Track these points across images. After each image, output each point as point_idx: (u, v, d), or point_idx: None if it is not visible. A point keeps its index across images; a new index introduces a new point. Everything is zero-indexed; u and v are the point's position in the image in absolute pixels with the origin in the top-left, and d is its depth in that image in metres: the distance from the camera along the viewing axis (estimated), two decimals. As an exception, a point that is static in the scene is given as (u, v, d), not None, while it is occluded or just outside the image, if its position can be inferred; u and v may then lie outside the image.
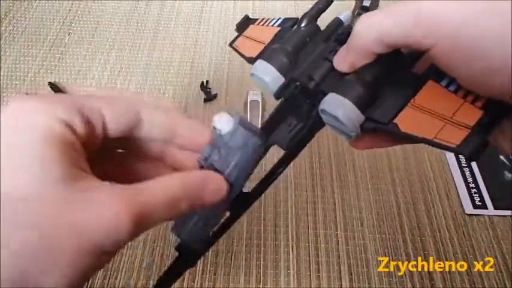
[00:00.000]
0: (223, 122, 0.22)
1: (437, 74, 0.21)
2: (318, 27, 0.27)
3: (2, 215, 0.14)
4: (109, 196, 0.16)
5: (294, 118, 0.26)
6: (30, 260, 0.14)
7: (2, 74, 0.65)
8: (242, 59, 0.29)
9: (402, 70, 0.23)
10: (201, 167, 0.22)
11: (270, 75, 0.25)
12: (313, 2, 0.28)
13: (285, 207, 0.53)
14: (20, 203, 0.15)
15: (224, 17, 0.76)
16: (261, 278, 0.47)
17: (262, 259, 0.48)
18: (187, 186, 0.19)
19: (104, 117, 0.19)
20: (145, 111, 0.21)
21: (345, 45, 0.23)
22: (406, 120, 0.21)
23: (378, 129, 0.22)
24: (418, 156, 0.59)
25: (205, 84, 0.64)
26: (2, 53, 0.67)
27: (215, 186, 0.20)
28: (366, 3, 0.71)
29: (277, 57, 0.26)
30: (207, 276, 0.47)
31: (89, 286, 0.45)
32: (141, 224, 0.16)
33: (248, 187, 0.25)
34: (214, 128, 0.22)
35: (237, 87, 0.65)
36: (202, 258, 0.48)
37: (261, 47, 0.29)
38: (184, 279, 0.46)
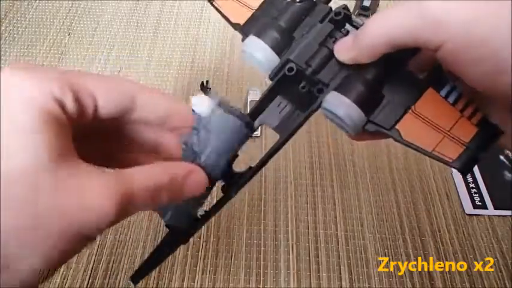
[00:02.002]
0: (202, 104, 0.21)
1: (438, 81, 0.22)
2: (314, 3, 0.25)
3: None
4: (97, 185, 0.16)
5: (284, 98, 0.25)
6: (15, 241, 0.15)
7: (2, 74, 0.65)
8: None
9: (403, 71, 0.23)
10: (184, 151, 0.22)
11: (262, 52, 0.24)
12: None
13: (285, 207, 0.53)
14: (12, 184, 0.15)
15: (224, 17, 0.76)
16: (261, 278, 0.47)
17: (262, 259, 0.48)
18: (169, 177, 0.19)
19: (97, 100, 0.19)
20: (141, 95, 0.21)
21: (349, 37, 0.23)
22: (408, 128, 0.21)
23: (380, 132, 0.22)
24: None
25: (205, 84, 0.64)
26: (2, 53, 0.67)
27: (196, 180, 0.21)
28: (366, 3, 0.71)
29: (269, 33, 0.24)
30: (207, 276, 0.47)
31: (89, 286, 0.45)
32: (123, 212, 0.17)
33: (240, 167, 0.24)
34: (193, 110, 0.21)
35: (237, 88, 0.65)
36: (202, 258, 0.48)
37: (248, 13, 0.27)
38: (184, 279, 0.46)
